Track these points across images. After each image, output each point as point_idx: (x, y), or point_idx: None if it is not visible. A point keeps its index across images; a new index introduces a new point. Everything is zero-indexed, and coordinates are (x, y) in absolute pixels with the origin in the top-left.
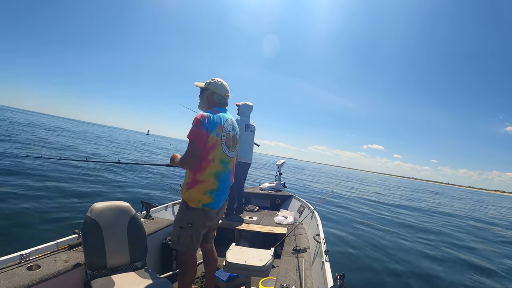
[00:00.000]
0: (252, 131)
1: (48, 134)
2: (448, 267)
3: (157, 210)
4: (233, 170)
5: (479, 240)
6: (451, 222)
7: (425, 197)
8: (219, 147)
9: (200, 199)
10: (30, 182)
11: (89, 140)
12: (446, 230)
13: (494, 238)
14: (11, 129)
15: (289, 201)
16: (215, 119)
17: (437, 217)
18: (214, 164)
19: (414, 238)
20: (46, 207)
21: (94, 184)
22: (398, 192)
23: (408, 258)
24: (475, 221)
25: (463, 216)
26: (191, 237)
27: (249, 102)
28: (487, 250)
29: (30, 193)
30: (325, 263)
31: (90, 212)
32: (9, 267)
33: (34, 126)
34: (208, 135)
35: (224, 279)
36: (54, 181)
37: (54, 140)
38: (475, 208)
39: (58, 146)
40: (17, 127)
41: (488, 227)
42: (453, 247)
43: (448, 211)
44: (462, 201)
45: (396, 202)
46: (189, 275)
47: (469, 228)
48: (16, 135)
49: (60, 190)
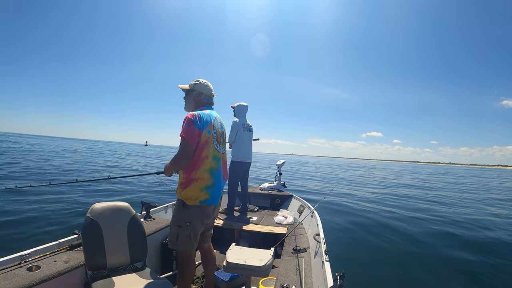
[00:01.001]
0: (250, 131)
1: (53, 155)
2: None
3: (157, 210)
4: (225, 166)
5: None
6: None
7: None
8: (211, 144)
9: (197, 196)
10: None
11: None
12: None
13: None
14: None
15: (289, 201)
16: (205, 117)
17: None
18: (208, 161)
19: (415, 237)
20: (46, 207)
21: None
22: (402, 180)
23: (408, 257)
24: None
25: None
26: (189, 236)
27: (243, 103)
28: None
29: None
30: (325, 263)
31: (90, 212)
32: (9, 267)
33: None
34: (200, 133)
35: (224, 279)
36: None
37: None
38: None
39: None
40: (16, 153)
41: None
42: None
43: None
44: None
45: (402, 192)
46: (188, 275)
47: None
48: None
49: (59, 199)
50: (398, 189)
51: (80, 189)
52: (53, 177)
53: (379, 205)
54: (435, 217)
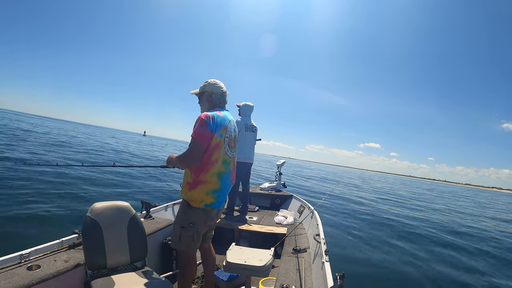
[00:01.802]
0: (253, 131)
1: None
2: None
3: (157, 210)
4: (234, 170)
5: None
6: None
7: (431, 197)
8: (222, 148)
9: (203, 199)
10: (28, 188)
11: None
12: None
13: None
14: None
15: (289, 201)
16: (219, 120)
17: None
18: (218, 165)
19: (414, 240)
20: (46, 208)
21: (95, 186)
22: (402, 191)
23: (408, 258)
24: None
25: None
26: (192, 236)
27: (249, 103)
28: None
29: (29, 195)
30: (325, 263)
31: (90, 212)
32: (9, 267)
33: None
34: (212, 135)
35: (224, 279)
36: (55, 185)
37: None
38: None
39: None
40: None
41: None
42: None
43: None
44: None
45: (401, 201)
46: (189, 275)
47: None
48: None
49: (59, 194)
50: (396, 196)
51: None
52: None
53: (379, 205)
54: (433, 221)
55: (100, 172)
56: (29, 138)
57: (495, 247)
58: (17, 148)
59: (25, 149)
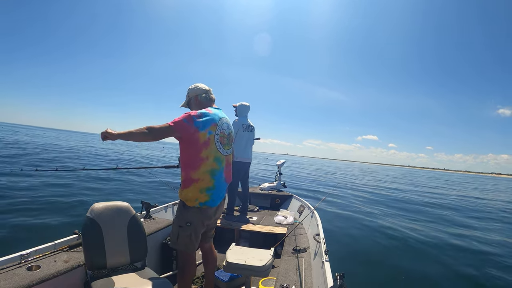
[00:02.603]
0: (251, 131)
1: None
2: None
3: (157, 210)
4: (229, 168)
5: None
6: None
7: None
8: (213, 145)
9: (197, 198)
10: (31, 193)
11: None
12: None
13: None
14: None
15: (289, 201)
16: (208, 118)
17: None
18: (209, 162)
19: (416, 237)
20: (46, 207)
21: (95, 185)
22: (401, 183)
23: (409, 258)
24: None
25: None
26: (190, 236)
27: (245, 103)
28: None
29: (29, 197)
30: (325, 263)
31: (90, 212)
32: (9, 267)
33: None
34: (197, 132)
35: (224, 279)
36: (55, 189)
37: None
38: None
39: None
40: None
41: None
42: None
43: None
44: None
45: (402, 195)
46: (189, 275)
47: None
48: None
49: (60, 194)
50: (396, 191)
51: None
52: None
53: (379, 206)
54: (435, 219)
55: (100, 174)
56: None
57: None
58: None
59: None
